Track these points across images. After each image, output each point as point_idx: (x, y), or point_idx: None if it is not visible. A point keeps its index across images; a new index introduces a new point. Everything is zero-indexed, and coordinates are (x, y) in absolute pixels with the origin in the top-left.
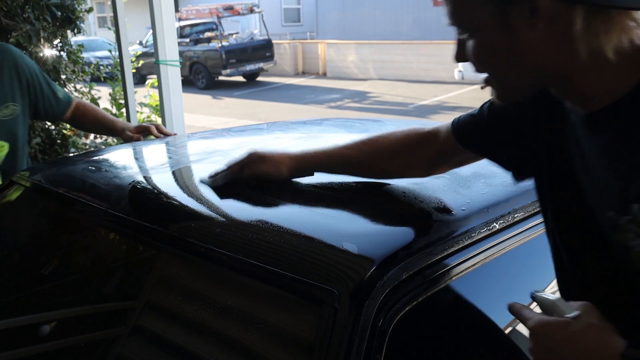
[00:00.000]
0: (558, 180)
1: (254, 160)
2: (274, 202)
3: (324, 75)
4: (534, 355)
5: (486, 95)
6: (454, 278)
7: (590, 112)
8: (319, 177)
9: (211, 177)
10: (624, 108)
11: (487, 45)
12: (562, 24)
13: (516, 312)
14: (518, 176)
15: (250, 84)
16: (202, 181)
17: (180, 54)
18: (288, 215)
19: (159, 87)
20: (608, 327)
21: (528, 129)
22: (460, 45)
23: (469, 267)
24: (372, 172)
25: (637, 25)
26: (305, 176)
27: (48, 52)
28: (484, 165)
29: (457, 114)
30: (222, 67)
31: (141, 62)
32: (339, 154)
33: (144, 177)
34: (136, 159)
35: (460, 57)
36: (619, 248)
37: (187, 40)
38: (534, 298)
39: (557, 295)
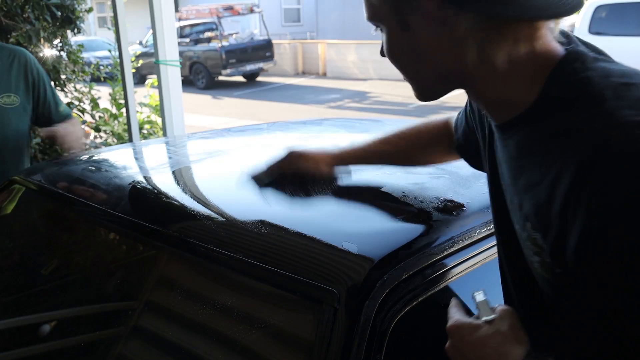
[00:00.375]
0: (496, 190)
1: (293, 158)
2: (274, 202)
3: (324, 75)
4: (448, 354)
5: None
6: (454, 278)
7: (500, 122)
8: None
9: (252, 177)
10: (524, 122)
11: (393, 43)
12: (449, 27)
13: (448, 308)
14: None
15: (250, 84)
16: (244, 181)
17: (180, 54)
18: (288, 216)
19: (159, 87)
20: (516, 336)
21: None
22: (382, 40)
23: (468, 267)
24: (407, 162)
25: (540, 35)
26: (343, 172)
27: (48, 52)
28: None
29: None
30: (222, 67)
31: (141, 62)
32: (376, 149)
33: (144, 177)
34: (136, 159)
35: (382, 52)
36: (528, 262)
37: (187, 40)
38: (472, 296)
39: (486, 297)
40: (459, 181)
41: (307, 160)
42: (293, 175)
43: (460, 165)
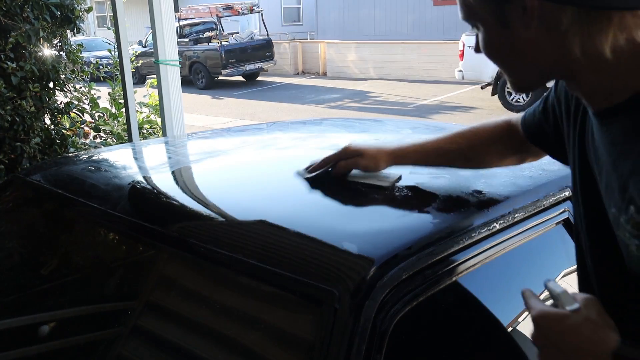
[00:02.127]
0: (584, 176)
1: (350, 154)
2: (274, 202)
3: (324, 75)
4: (536, 343)
5: (486, 94)
6: (453, 278)
7: (599, 109)
8: (318, 176)
9: (307, 169)
10: (626, 109)
11: (491, 41)
12: (552, 23)
13: (525, 299)
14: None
15: (250, 84)
16: (298, 173)
17: (180, 53)
18: (288, 215)
19: (159, 87)
20: (606, 323)
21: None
22: (477, 38)
23: (469, 267)
24: (468, 163)
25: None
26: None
27: (47, 51)
28: None
29: (457, 114)
30: (222, 66)
31: (141, 61)
32: (438, 148)
33: (144, 177)
34: (136, 159)
35: (478, 49)
36: (622, 245)
37: (187, 40)
38: (546, 286)
39: (566, 286)
40: (459, 181)
41: (365, 157)
42: (348, 171)
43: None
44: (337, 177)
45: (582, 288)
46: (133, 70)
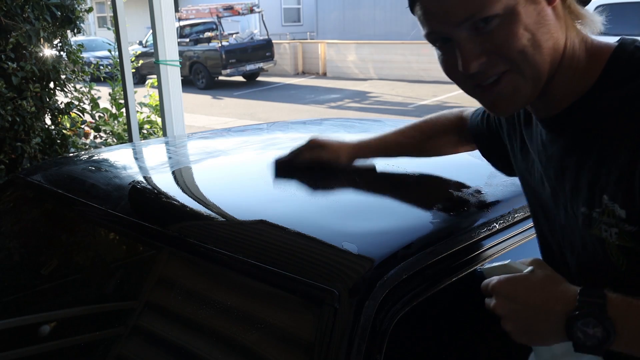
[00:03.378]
0: (538, 184)
1: (313, 146)
2: (274, 202)
3: (324, 75)
4: (499, 311)
5: None
6: (453, 278)
7: (556, 113)
8: (319, 177)
9: (275, 162)
10: (582, 107)
11: (521, 21)
12: (560, 4)
13: (482, 288)
14: (508, 174)
15: (250, 84)
16: (267, 165)
17: (180, 54)
18: (288, 215)
19: (159, 87)
20: (560, 276)
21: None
22: (475, 45)
23: (469, 267)
24: (422, 153)
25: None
26: (361, 162)
27: (48, 52)
28: (484, 165)
29: None
30: (222, 67)
31: (141, 62)
32: (394, 141)
33: (144, 177)
34: (136, 159)
35: (475, 56)
36: (597, 242)
37: (187, 40)
38: (484, 272)
39: (506, 261)
40: (459, 181)
41: (327, 149)
42: (311, 163)
43: (461, 165)
44: (299, 167)
45: None
46: (133, 70)
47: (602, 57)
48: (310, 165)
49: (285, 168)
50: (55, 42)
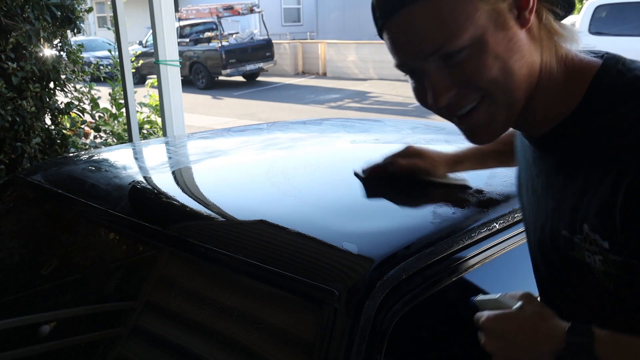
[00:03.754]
0: (527, 201)
1: (410, 154)
2: (274, 202)
3: (324, 75)
4: (489, 349)
5: None
6: (453, 278)
7: (539, 135)
8: (319, 177)
9: (364, 170)
10: (568, 129)
11: (489, 49)
12: (536, 27)
13: (475, 317)
14: None
15: (250, 84)
16: (355, 172)
17: (180, 54)
18: (288, 215)
19: (159, 87)
20: (549, 312)
21: None
22: (444, 76)
23: (469, 267)
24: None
25: (578, 39)
26: (458, 178)
27: (48, 52)
28: None
29: None
30: (222, 67)
31: (141, 62)
32: (492, 148)
33: (144, 177)
34: (136, 159)
35: (445, 92)
36: (580, 264)
37: (187, 40)
38: (476, 303)
39: (497, 294)
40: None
41: (424, 158)
42: (406, 172)
43: None
44: (394, 175)
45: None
46: (133, 70)
47: (583, 78)
48: (404, 174)
49: (378, 175)
50: (55, 42)
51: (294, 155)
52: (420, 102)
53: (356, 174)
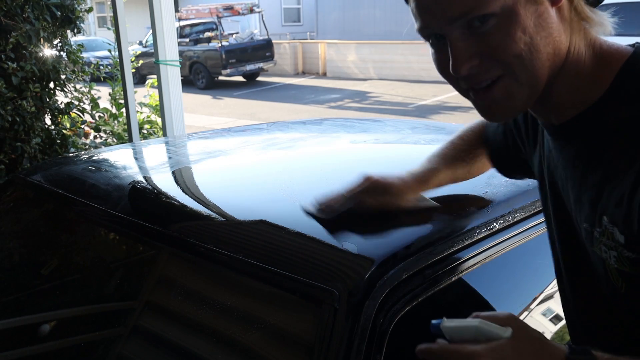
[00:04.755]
0: (550, 194)
1: (374, 189)
2: (274, 202)
3: (324, 75)
4: None
5: None
6: (453, 278)
7: (560, 122)
8: (319, 177)
9: (322, 204)
10: (592, 117)
11: (519, 22)
12: (562, 8)
13: (436, 354)
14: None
15: (250, 84)
16: (304, 209)
17: (180, 54)
18: (288, 215)
19: (159, 87)
20: (540, 335)
21: (519, 144)
22: (467, 46)
23: (469, 267)
24: (468, 176)
25: (609, 27)
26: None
27: (48, 52)
28: None
29: (457, 114)
30: (222, 67)
31: (141, 62)
32: (455, 162)
33: (144, 177)
34: (136, 159)
35: (467, 58)
36: (597, 260)
37: (187, 40)
38: (442, 329)
39: (469, 319)
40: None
41: (390, 191)
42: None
43: None
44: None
45: (562, 297)
46: (133, 70)
47: (613, 64)
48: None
49: (336, 212)
50: (55, 42)
51: (293, 155)
52: (440, 72)
53: (306, 211)
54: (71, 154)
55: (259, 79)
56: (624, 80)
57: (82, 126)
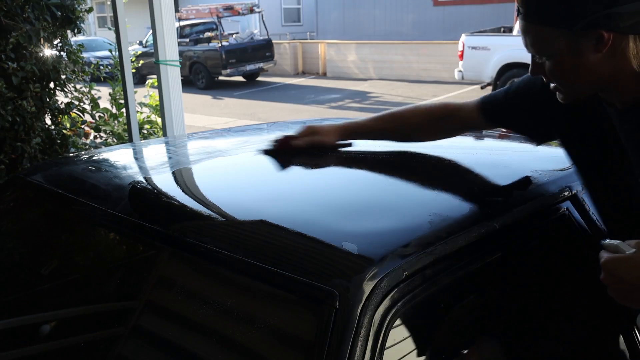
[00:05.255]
0: (599, 151)
1: (307, 131)
2: (274, 202)
3: (324, 75)
4: (605, 283)
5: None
6: (453, 278)
7: (624, 108)
8: (319, 176)
9: (270, 146)
10: None
11: (561, 65)
12: (618, 48)
13: (600, 254)
14: (537, 143)
15: (250, 84)
16: (263, 148)
17: (180, 54)
18: (288, 215)
19: (159, 87)
20: None
21: (546, 110)
22: (534, 64)
23: (469, 267)
24: (399, 138)
25: None
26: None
27: (48, 52)
28: (484, 166)
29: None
30: (222, 67)
31: (141, 62)
32: (369, 126)
33: (144, 177)
34: (136, 159)
35: (535, 72)
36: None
37: (187, 40)
38: (602, 245)
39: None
40: (459, 181)
41: (319, 132)
42: (306, 145)
43: (461, 165)
44: (293, 151)
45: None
46: (133, 70)
47: None
48: (306, 148)
49: (281, 155)
50: (56, 42)
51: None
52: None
53: (264, 150)
54: (71, 154)
55: (259, 79)
56: None
57: (82, 126)
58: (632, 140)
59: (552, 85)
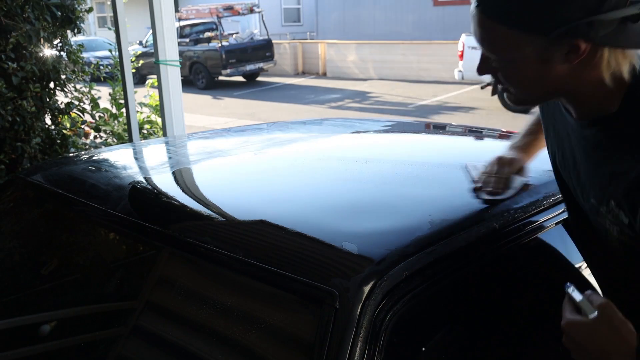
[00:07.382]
0: (562, 167)
1: (507, 163)
2: (274, 202)
3: (324, 75)
4: (566, 346)
5: (486, 94)
6: (454, 278)
7: (583, 119)
8: (319, 176)
9: (484, 183)
10: (609, 123)
11: (522, 72)
12: (592, 59)
13: (563, 305)
14: None
15: (250, 84)
16: (476, 191)
17: (180, 54)
18: (288, 215)
19: (159, 87)
20: (622, 323)
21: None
22: (485, 61)
23: (469, 267)
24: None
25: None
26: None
27: (48, 52)
28: (484, 165)
29: (457, 114)
30: (222, 67)
31: (141, 62)
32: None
33: (144, 177)
34: (136, 159)
35: (483, 70)
36: (600, 228)
37: (187, 40)
38: (566, 293)
39: (582, 295)
40: (458, 181)
41: (515, 164)
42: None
43: (461, 166)
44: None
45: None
46: (133, 70)
47: (624, 84)
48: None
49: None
50: (56, 42)
51: (293, 155)
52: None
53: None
54: (71, 154)
55: (259, 79)
56: (629, 103)
57: (82, 126)
58: (590, 159)
59: (500, 86)
